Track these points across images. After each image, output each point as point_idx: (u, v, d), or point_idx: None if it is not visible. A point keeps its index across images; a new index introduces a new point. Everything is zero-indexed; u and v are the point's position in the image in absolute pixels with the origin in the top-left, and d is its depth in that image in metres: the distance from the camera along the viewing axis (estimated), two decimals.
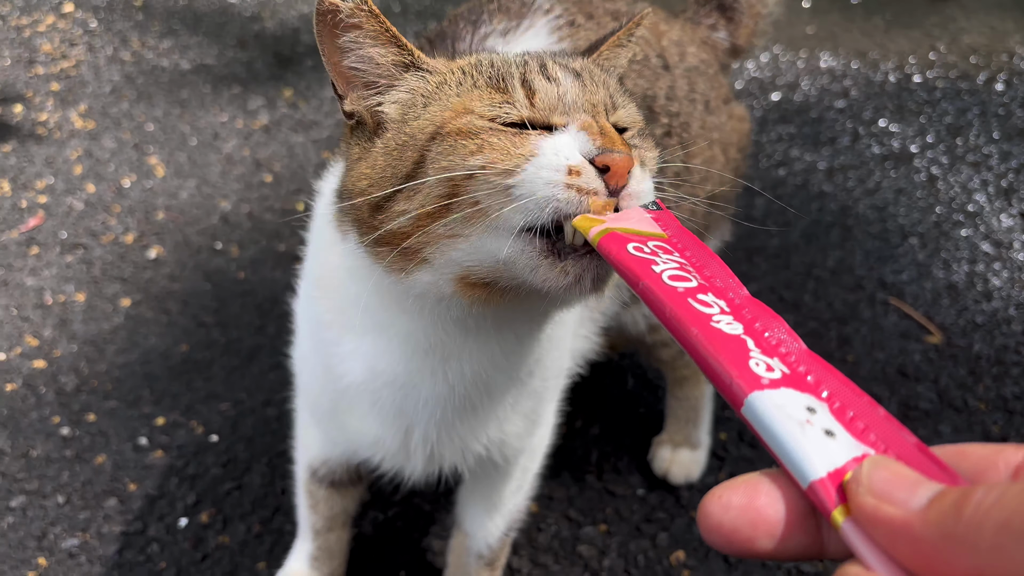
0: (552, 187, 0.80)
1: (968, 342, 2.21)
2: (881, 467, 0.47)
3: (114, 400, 2.09)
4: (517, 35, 1.39)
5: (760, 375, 0.54)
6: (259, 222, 2.68)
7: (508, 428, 1.27)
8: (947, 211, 2.67)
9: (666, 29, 1.54)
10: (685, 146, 1.48)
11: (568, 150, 0.82)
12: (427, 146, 0.88)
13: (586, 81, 0.91)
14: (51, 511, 1.84)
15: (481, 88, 0.90)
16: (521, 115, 0.87)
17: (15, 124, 3.18)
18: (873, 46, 3.64)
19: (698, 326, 0.60)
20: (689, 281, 0.67)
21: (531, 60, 0.93)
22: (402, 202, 0.88)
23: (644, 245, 0.74)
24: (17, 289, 2.43)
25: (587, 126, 0.85)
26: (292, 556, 1.63)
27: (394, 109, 0.94)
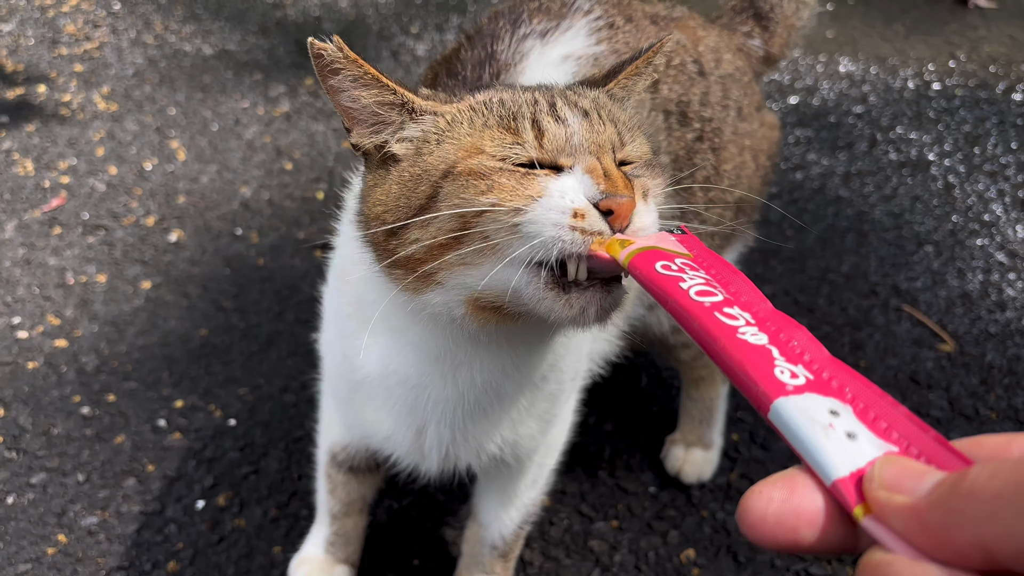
0: (558, 228, 0.84)
1: (981, 351, 2.22)
2: (891, 463, 0.50)
3: (134, 381, 2.12)
4: (556, 36, 1.40)
5: (785, 382, 0.57)
6: (279, 209, 2.70)
7: (521, 430, 1.30)
8: (963, 220, 2.68)
9: (703, 35, 1.55)
10: (715, 151, 1.50)
11: (573, 193, 0.86)
12: (440, 182, 0.91)
13: (594, 120, 0.94)
14: (71, 489, 1.87)
15: (492, 128, 0.93)
16: (530, 156, 0.90)
17: (39, 104, 3.21)
18: (893, 52, 3.64)
19: (725, 338, 0.63)
20: (715, 295, 0.70)
21: (541, 99, 0.96)
22: (416, 231, 0.92)
23: (672, 263, 0.77)
24: (39, 268, 2.46)
25: (592, 169, 0.88)
26: (309, 540, 1.66)
27: (402, 147, 0.98)
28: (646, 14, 1.51)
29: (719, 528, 1.79)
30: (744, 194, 1.59)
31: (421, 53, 3.60)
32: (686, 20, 1.56)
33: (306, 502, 1.84)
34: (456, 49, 1.44)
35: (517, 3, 1.49)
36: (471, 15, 3.89)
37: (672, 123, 1.46)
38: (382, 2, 4.02)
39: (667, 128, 1.45)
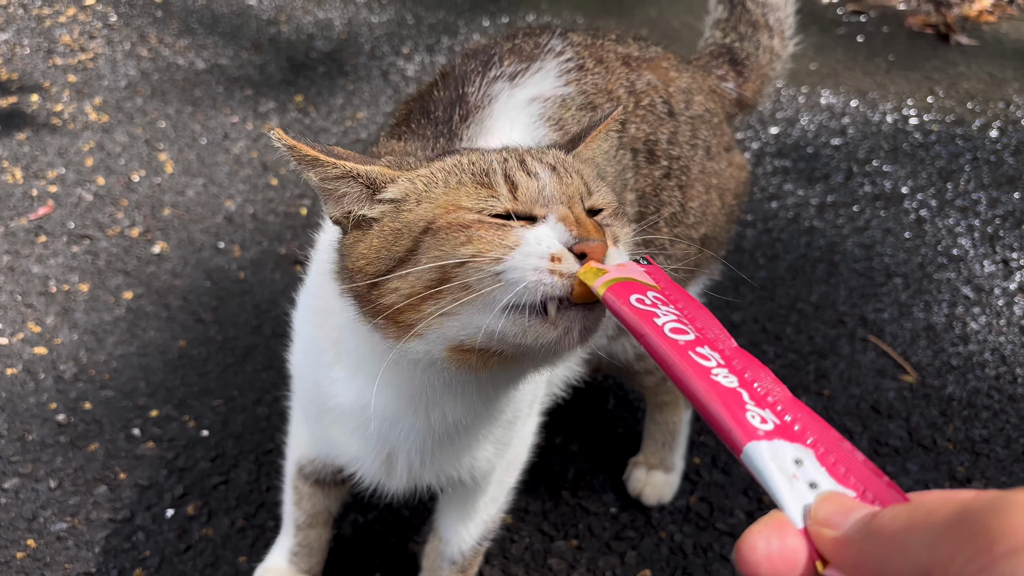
0: (538, 272, 0.89)
1: (942, 383, 2.27)
2: (828, 501, 0.56)
3: (110, 390, 2.15)
4: (525, 78, 1.44)
5: (756, 427, 0.61)
6: (262, 224, 2.75)
7: (479, 454, 1.35)
8: (932, 253, 2.74)
9: (675, 76, 1.60)
10: (682, 188, 1.55)
11: (549, 240, 0.91)
12: (420, 237, 0.96)
13: (561, 174, 1.00)
14: (43, 494, 1.91)
15: (467, 185, 0.98)
16: (506, 207, 0.95)
17: (31, 113, 3.25)
18: (873, 86, 3.71)
19: (700, 378, 0.67)
20: (687, 334, 0.74)
21: (511, 157, 1.01)
22: (396, 281, 0.97)
23: (645, 296, 0.81)
24: (23, 276, 2.50)
25: (564, 217, 0.93)
26: (273, 550, 1.69)
27: (377, 211, 1.02)
28: (618, 55, 1.55)
29: (676, 550, 1.83)
30: (709, 231, 1.64)
31: (411, 73, 3.66)
32: (659, 60, 1.61)
33: (273, 513, 1.87)
34: (430, 87, 1.47)
35: (492, 43, 1.53)
36: (462, 37, 3.95)
37: (640, 161, 1.50)
38: (375, 22, 4.08)
39: (635, 166, 1.50)
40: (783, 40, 1.86)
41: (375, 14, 4.15)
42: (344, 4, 4.22)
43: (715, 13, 1.90)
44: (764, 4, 1.82)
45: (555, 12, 4.24)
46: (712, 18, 1.91)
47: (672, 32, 4.08)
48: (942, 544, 0.46)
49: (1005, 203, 2.97)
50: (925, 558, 0.47)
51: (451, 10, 4.22)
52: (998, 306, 2.54)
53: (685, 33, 4.06)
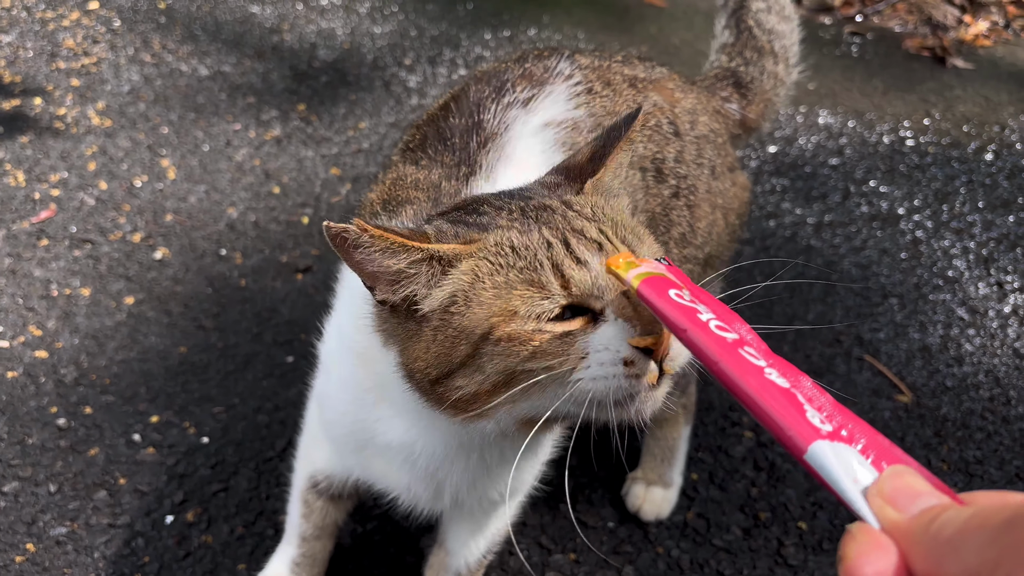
0: (614, 379, 0.92)
1: (937, 404, 2.29)
2: (895, 477, 0.58)
3: (111, 395, 2.16)
4: (538, 103, 1.45)
5: (818, 427, 0.61)
6: (264, 232, 2.76)
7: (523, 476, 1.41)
8: (928, 275, 2.77)
9: (680, 97, 1.62)
10: (690, 208, 1.57)
11: (616, 343, 0.92)
12: (479, 344, 0.96)
13: (608, 252, 0.97)
14: (42, 499, 1.91)
15: (516, 286, 0.96)
16: (562, 304, 0.95)
17: (34, 116, 3.26)
18: (871, 107, 3.75)
19: (754, 378, 0.65)
20: (731, 332, 0.72)
21: (555, 239, 0.98)
22: (460, 379, 0.99)
23: (682, 293, 0.79)
24: (24, 279, 2.50)
25: (622, 312, 0.93)
26: (275, 558, 1.70)
27: (431, 304, 1.01)
28: (625, 77, 1.58)
29: (673, 565, 1.85)
30: (714, 250, 1.66)
31: (413, 85, 3.68)
32: (664, 82, 1.63)
33: (273, 521, 1.88)
34: (442, 110, 1.48)
35: (503, 67, 1.55)
36: (464, 50, 3.98)
37: (649, 180, 1.52)
38: (377, 32, 4.10)
39: (644, 186, 1.52)
40: (787, 67, 1.90)
41: (378, 25, 4.18)
42: (347, 14, 4.25)
43: (721, 38, 1.93)
44: (770, 31, 1.86)
45: (556, 27, 4.28)
46: (718, 42, 1.94)
47: (672, 49, 4.12)
48: (990, 549, 0.47)
49: (1000, 226, 3.01)
50: (973, 561, 0.48)
51: (453, 23, 4.25)
52: (992, 328, 2.57)
53: (685, 50, 4.09)
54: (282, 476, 1.95)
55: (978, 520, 0.50)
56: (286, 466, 1.92)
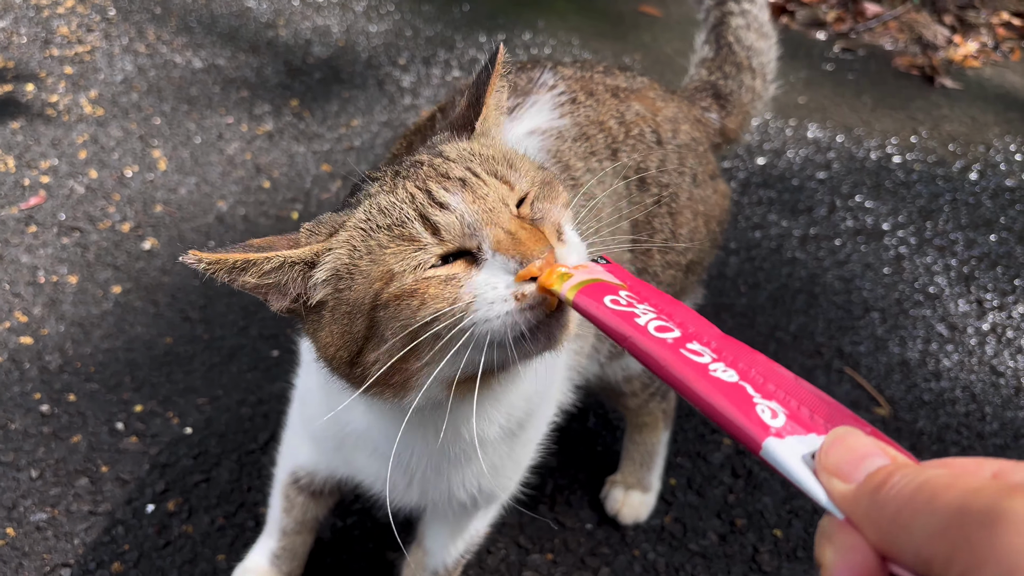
0: (507, 315, 0.90)
1: (914, 418, 2.33)
2: (837, 443, 0.56)
3: (95, 383, 2.16)
4: (522, 112, 1.49)
5: (769, 423, 0.60)
6: (253, 226, 2.77)
7: (501, 479, 1.38)
8: (909, 290, 2.81)
9: (662, 106, 1.65)
10: (672, 215, 1.60)
11: (497, 279, 0.91)
12: (373, 313, 0.96)
13: (474, 185, 0.97)
14: (24, 484, 1.91)
15: (388, 246, 0.96)
16: (437, 253, 0.94)
17: (25, 102, 3.26)
18: (859, 122, 3.80)
19: (699, 377, 0.64)
20: (672, 331, 0.71)
21: (418, 189, 0.98)
22: (371, 354, 0.98)
23: (618, 296, 0.77)
24: (12, 265, 2.50)
25: (499, 243, 0.92)
26: (255, 550, 1.71)
27: (319, 293, 1.01)
28: (607, 87, 1.61)
29: (649, 568, 1.87)
30: (695, 256, 1.69)
31: (407, 84, 3.69)
32: (646, 91, 1.66)
33: (253, 513, 1.89)
34: (429, 119, 1.52)
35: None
36: (459, 51, 4.00)
37: (632, 188, 1.55)
38: (373, 31, 4.12)
39: (628, 194, 1.55)
40: (765, 83, 1.93)
41: (373, 23, 4.19)
42: (343, 11, 4.26)
43: (701, 52, 1.97)
44: (749, 48, 1.89)
45: (551, 32, 4.30)
46: (698, 56, 1.97)
47: (664, 58, 4.15)
48: (940, 541, 0.46)
49: (981, 244, 3.05)
50: (926, 550, 0.47)
51: (449, 24, 4.26)
52: (971, 345, 2.60)
53: (677, 60, 4.12)
54: (264, 469, 1.96)
55: (925, 495, 0.49)
56: (268, 459, 1.93)
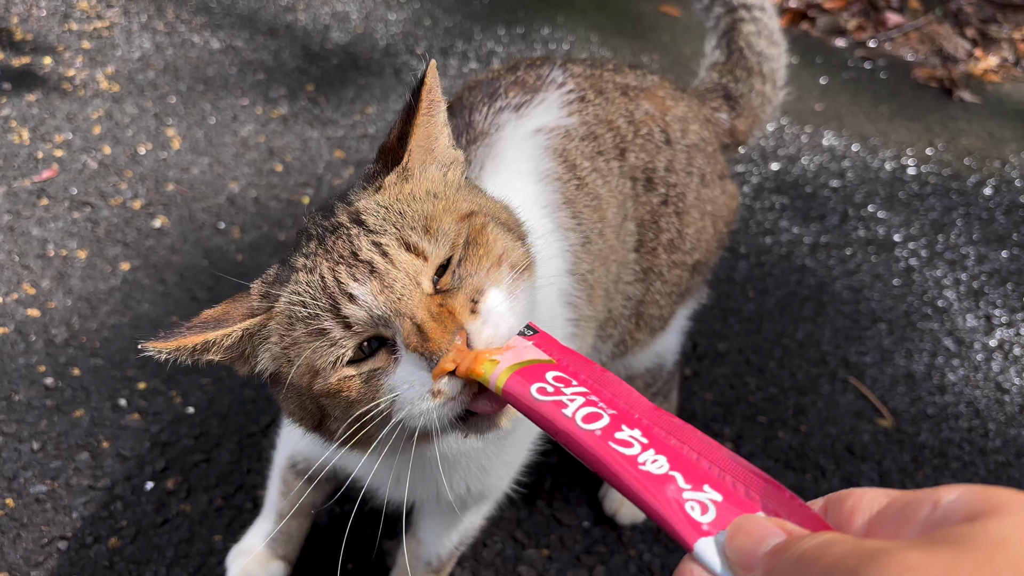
0: (431, 412, 0.91)
1: (916, 430, 2.32)
2: (735, 534, 0.58)
3: (100, 359, 2.17)
4: (530, 109, 1.48)
5: (699, 521, 0.61)
6: (264, 208, 2.77)
7: (490, 480, 1.37)
8: (918, 303, 2.79)
9: (671, 105, 1.65)
10: (679, 215, 1.59)
11: (414, 377, 0.91)
12: (316, 399, 0.98)
13: (383, 272, 0.93)
14: (25, 456, 1.92)
15: (307, 343, 0.96)
16: (352, 346, 0.94)
17: (42, 75, 3.26)
18: (876, 132, 3.78)
19: (627, 472, 0.65)
20: (601, 419, 0.71)
21: (328, 274, 0.96)
22: (331, 424, 1.01)
23: (546, 383, 0.78)
24: (22, 237, 2.51)
25: (408, 340, 0.90)
26: (251, 532, 1.71)
27: (266, 371, 1.04)
28: (617, 85, 1.60)
29: (644, 568, 1.87)
30: (702, 256, 1.68)
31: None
32: (655, 89, 1.65)
33: (252, 495, 1.89)
34: None
35: (496, 74, 1.58)
36: (476, 43, 3.99)
37: (639, 189, 1.55)
38: (391, 19, 4.11)
39: (634, 195, 1.54)
40: (775, 88, 1.93)
41: (393, 11, 4.18)
42: None
43: (712, 57, 1.96)
44: (760, 54, 1.89)
45: (570, 27, 4.29)
46: (709, 61, 1.97)
47: (683, 59, 4.13)
48: None
49: (992, 260, 3.04)
50: None
51: (468, 15, 4.25)
52: (977, 360, 2.59)
53: (696, 61, 4.10)
54: (264, 452, 1.96)
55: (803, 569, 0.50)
56: (269, 442, 1.94)
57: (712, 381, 2.38)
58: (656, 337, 1.73)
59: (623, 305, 1.59)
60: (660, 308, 1.65)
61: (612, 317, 1.59)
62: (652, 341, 1.72)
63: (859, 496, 0.57)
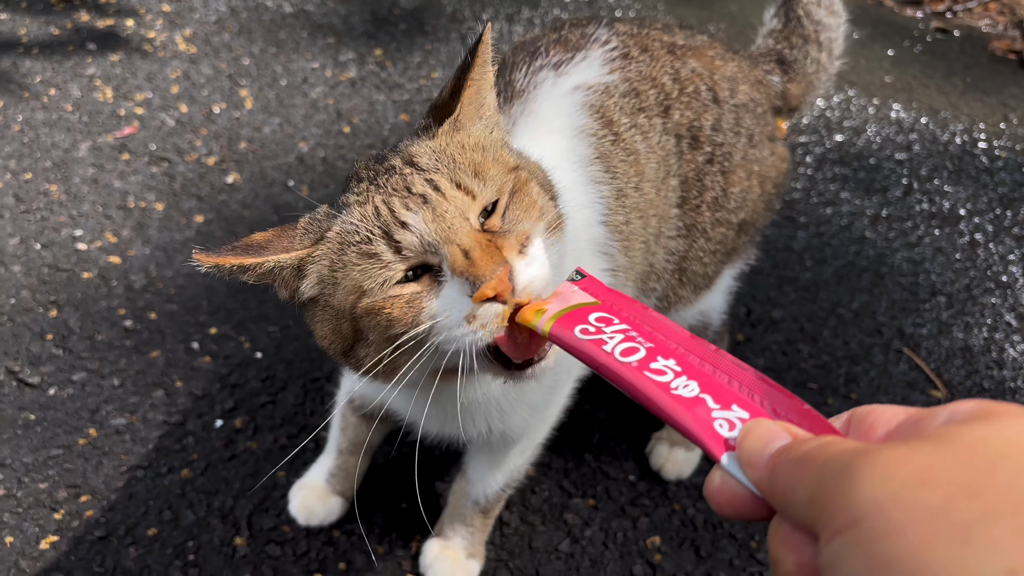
0: (465, 335, 0.96)
1: None
2: (746, 435, 0.62)
3: (175, 304, 2.29)
4: (570, 67, 1.51)
5: (725, 436, 0.66)
6: (331, 168, 2.87)
7: (511, 422, 1.42)
8: (981, 277, 2.76)
9: (720, 65, 1.65)
10: (725, 173, 1.61)
11: (456, 302, 0.96)
12: (354, 320, 1.04)
13: (436, 203, 1.00)
14: (106, 391, 2.05)
15: (357, 263, 1.02)
16: (401, 269, 1.00)
17: (125, 37, 3.40)
18: (947, 105, 3.70)
19: (661, 397, 0.71)
20: (639, 351, 0.77)
21: (382, 205, 1.02)
22: (360, 350, 1.07)
23: (588, 324, 0.84)
24: (105, 189, 2.65)
25: (455, 265, 0.96)
26: (313, 469, 1.82)
27: (310, 291, 1.09)
28: (663, 44, 1.61)
29: (687, 522, 1.92)
30: (748, 216, 1.70)
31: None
32: (705, 49, 1.66)
33: (314, 437, 2.00)
34: None
35: (541, 34, 1.61)
36: (543, 9, 4.01)
37: (683, 147, 1.57)
38: None
39: (678, 152, 1.57)
40: (831, 57, 1.92)
41: None
42: None
43: (769, 25, 1.96)
44: (818, 23, 1.88)
45: None
46: (766, 29, 1.97)
47: (750, 29, 4.07)
48: (812, 505, 0.52)
49: None
50: (805, 516, 0.53)
51: None
52: None
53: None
54: (327, 396, 2.06)
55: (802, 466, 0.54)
56: (331, 387, 2.04)
57: (764, 347, 2.40)
58: (700, 295, 1.76)
59: (665, 259, 1.63)
60: (704, 266, 1.68)
61: (655, 271, 1.62)
62: (696, 299, 1.76)
63: (880, 412, 0.60)
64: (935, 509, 0.45)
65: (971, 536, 0.43)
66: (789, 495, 0.55)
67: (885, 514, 0.46)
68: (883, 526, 0.46)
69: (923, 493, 0.46)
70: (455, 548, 1.73)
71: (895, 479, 0.48)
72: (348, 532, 1.81)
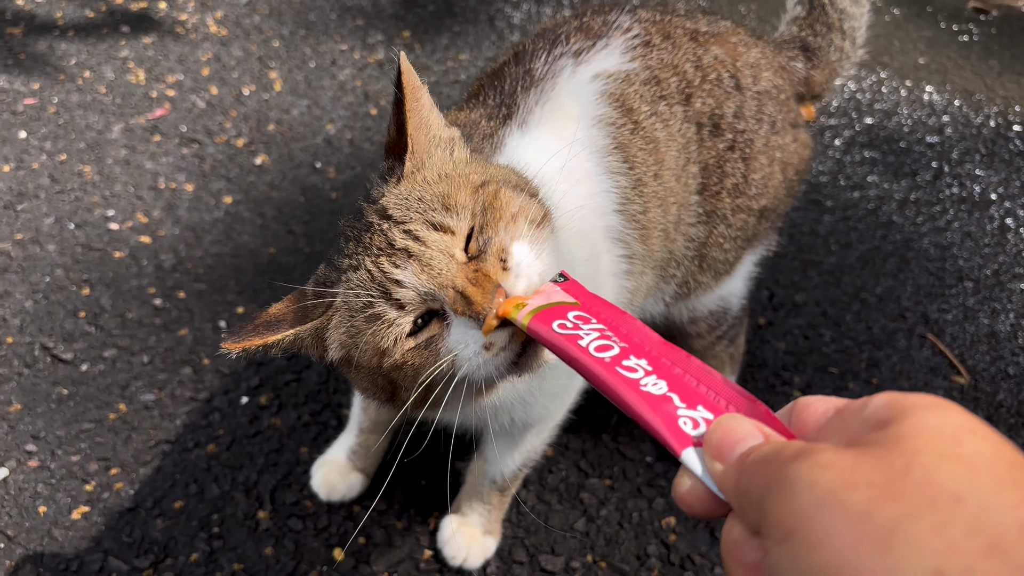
0: (488, 363, 1.00)
1: (994, 390, 2.29)
2: (718, 427, 0.63)
3: (203, 283, 2.34)
4: (590, 55, 1.51)
5: (688, 433, 0.68)
6: (358, 150, 2.90)
7: (532, 412, 1.46)
8: (1010, 263, 2.73)
9: (743, 51, 1.65)
10: (746, 160, 1.61)
11: (467, 337, 1.00)
12: (386, 376, 1.09)
13: (418, 252, 1.03)
14: (136, 367, 2.11)
15: (367, 330, 1.07)
16: (409, 321, 1.04)
17: (158, 19, 3.46)
18: (982, 88, 3.64)
19: (629, 392, 0.73)
20: (612, 348, 0.79)
21: (374, 268, 1.06)
22: (402, 394, 1.11)
23: (566, 320, 0.87)
24: (136, 170, 2.70)
25: (455, 307, 1.00)
26: (335, 445, 1.86)
27: (337, 354, 1.14)
28: (686, 31, 1.61)
29: None
30: (769, 203, 1.70)
31: (517, 21, 3.73)
32: (728, 35, 1.66)
33: (336, 414, 2.04)
34: (504, 64, 1.57)
35: (562, 21, 1.62)
36: None
37: (704, 134, 1.57)
38: None
39: (698, 139, 1.57)
40: (854, 46, 1.90)
41: None
42: None
43: (793, 12, 1.95)
44: (842, 11, 1.87)
45: None
46: (789, 16, 1.96)
47: (781, 10, 4.04)
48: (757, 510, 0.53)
49: None
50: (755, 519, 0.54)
51: None
52: None
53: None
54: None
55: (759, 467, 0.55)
56: None
57: (786, 331, 2.40)
58: (720, 281, 1.76)
59: (685, 246, 1.64)
60: (724, 252, 1.69)
61: (674, 258, 1.63)
62: (716, 285, 1.76)
63: (815, 408, 0.62)
64: (859, 514, 0.46)
65: (894, 539, 0.44)
66: (747, 496, 0.56)
67: (813, 523, 0.47)
68: (813, 536, 0.47)
69: (846, 497, 0.47)
70: (472, 525, 1.76)
71: (819, 485, 0.49)
72: (368, 508, 1.85)
